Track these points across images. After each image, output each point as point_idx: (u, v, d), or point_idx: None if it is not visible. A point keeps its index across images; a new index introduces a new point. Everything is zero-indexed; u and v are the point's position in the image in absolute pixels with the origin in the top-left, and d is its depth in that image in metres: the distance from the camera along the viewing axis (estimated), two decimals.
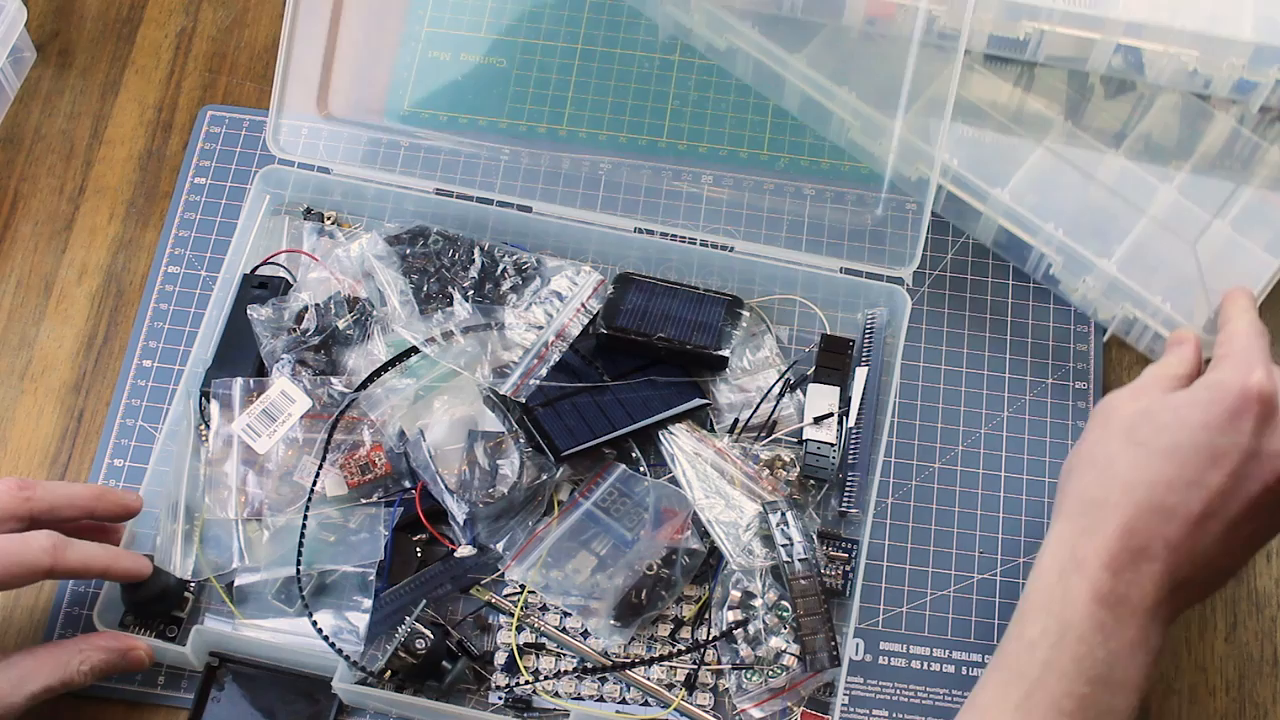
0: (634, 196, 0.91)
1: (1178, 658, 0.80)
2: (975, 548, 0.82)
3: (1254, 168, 0.88)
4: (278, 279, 0.86)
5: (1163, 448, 0.66)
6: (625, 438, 0.81)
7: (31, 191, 0.93)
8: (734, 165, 0.92)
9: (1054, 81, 0.90)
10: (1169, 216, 0.86)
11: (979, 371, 0.87)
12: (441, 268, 0.85)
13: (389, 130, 0.93)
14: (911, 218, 0.88)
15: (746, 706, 0.76)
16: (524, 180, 0.91)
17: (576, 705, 0.76)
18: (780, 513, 0.78)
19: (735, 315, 0.85)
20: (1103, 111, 0.90)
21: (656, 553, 0.78)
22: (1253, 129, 0.89)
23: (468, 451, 0.81)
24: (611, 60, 0.96)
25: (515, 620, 0.78)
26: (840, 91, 0.88)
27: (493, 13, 0.97)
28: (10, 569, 0.68)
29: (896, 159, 0.87)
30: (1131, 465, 0.66)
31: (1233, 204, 0.86)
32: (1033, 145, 0.88)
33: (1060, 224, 0.85)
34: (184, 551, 0.78)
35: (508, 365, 0.82)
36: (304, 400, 0.80)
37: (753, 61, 0.92)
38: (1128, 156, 0.88)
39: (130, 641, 0.74)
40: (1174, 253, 0.85)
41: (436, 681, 0.75)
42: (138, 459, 0.84)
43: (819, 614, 0.76)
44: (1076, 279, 0.86)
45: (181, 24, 0.99)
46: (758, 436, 0.83)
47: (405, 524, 0.80)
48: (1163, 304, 0.82)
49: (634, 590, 0.77)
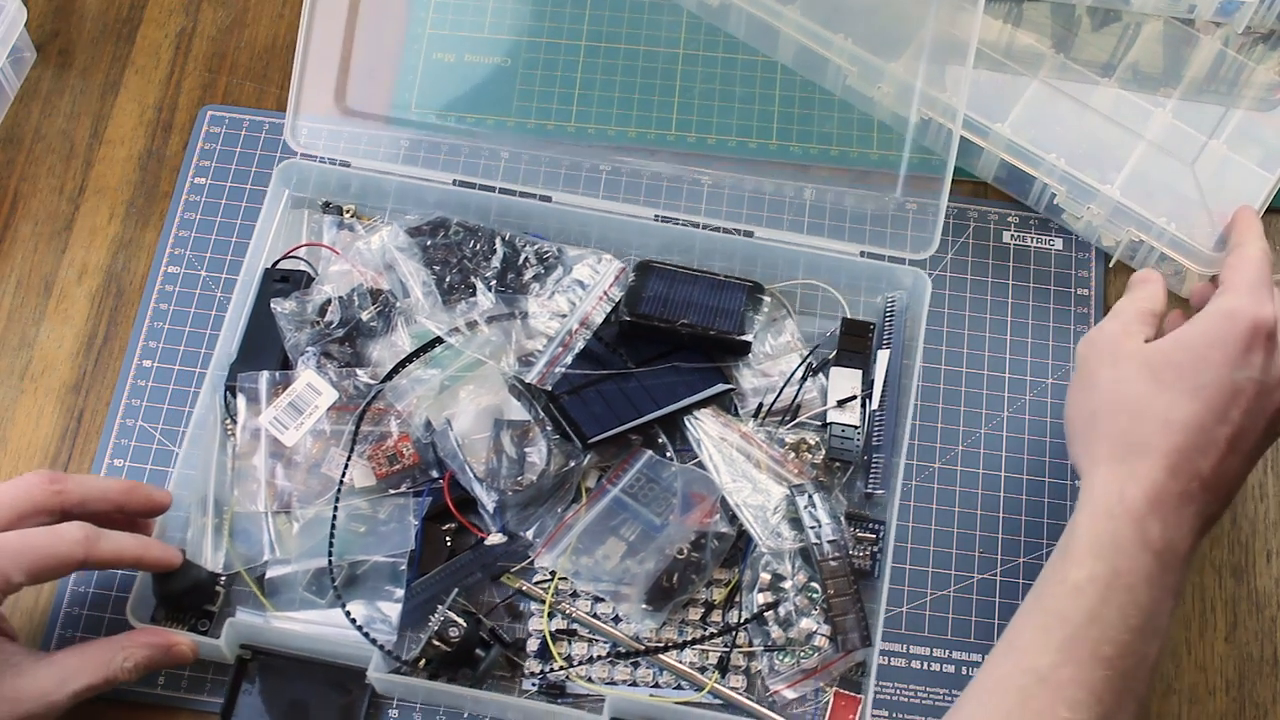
0: (655, 182, 0.91)
1: (1178, 658, 0.80)
2: (975, 548, 0.82)
3: (1242, 89, 0.90)
4: (299, 273, 0.86)
5: (1190, 388, 0.67)
6: (651, 424, 0.81)
7: (31, 191, 0.93)
8: (747, 154, 0.92)
9: (1040, 16, 0.92)
10: (1165, 140, 0.88)
11: (979, 371, 0.87)
12: (463, 258, 0.85)
13: (406, 123, 0.93)
14: (921, 215, 0.89)
15: (779, 688, 0.77)
16: (545, 168, 0.91)
17: (611, 690, 0.76)
18: (807, 495, 0.79)
19: (756, 300, 0.85)
20: (1091, 43, 0.91)
21: (686, 537, 0.78)
22: (1238, 50, 0.91)
23: (494, 440, 0.81)
24: (615, 55, 0.95)
25: (547, 607, 0.78)
26: (836, 39, 0.89)
27: (495, 12, 0.97)
28: (44, 561, 0.68)
29: (894, 111, 0.88)
30: (1167, 406, 0.67)
31: (1225, 124, 0.88)
32: (1027, 80, 0.89)
33: (1061, 154, 0.86)
34: (214, 545, 0.78)
35: (532, 354, 0.82)
36: (330, 392, 0.80)
37: (745, 15, 0.93)
38: (1120, 85, 0.90)
39: (172, 637, 0.74)
40: (1173, 175, 0.87)
41: (470, 669, 0.76)
42: (138, 459, 0.84)
43: (849, 594, 0.77)
44: (1080, 207, 0.87)
45: (181, 24, 0.99)
46: (782, 420, 0.83)
47: (434, 514, 0.80)
48: (1167, 225, 0.84)
49: (665, 575, 0.77)
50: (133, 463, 0.84)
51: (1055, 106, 0.89)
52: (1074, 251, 0.91)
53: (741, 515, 0.79)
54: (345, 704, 0.77)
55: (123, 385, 0.86)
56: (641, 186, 0.91)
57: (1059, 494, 0.84)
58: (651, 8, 0.96)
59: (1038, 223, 0.91)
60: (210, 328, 0.87)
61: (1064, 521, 0.80)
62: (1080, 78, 0.90)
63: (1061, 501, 0.83)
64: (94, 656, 0.71)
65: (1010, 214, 0.92)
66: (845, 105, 0.93)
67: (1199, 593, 0.82)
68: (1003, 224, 0.91)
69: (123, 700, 0.77)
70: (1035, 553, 0.82)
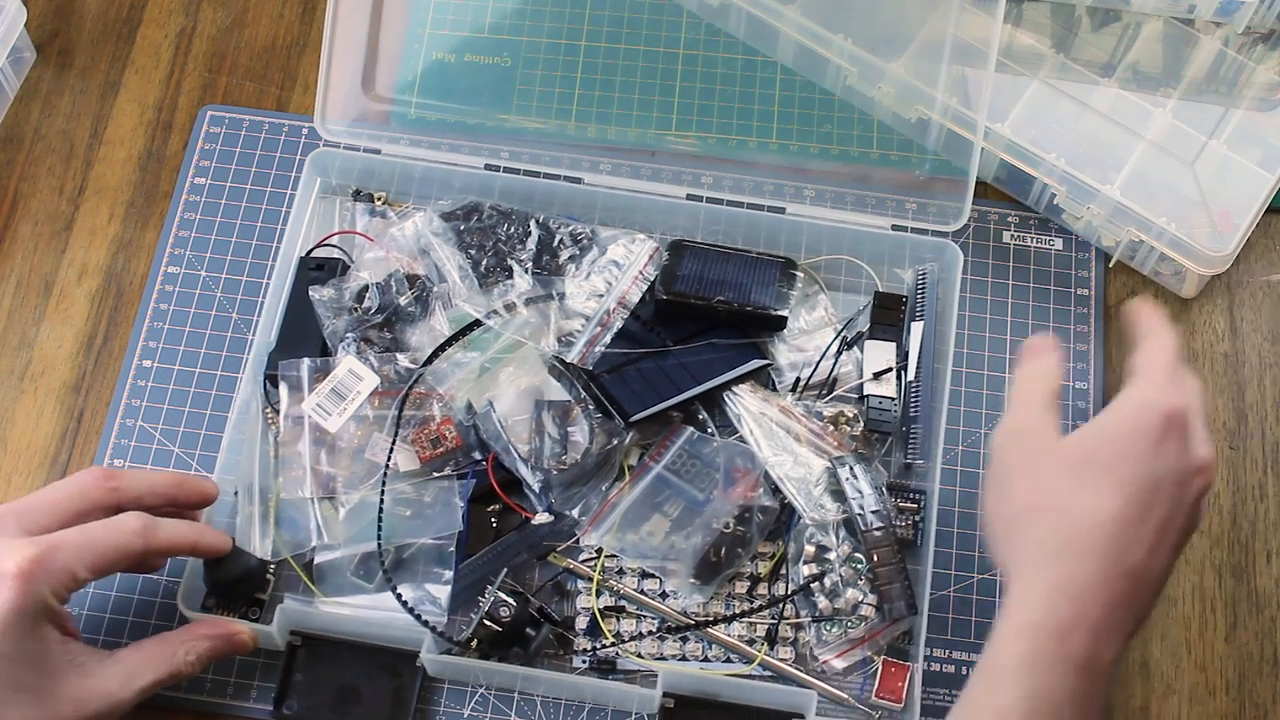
0: (682, 167, 0.91)
1: (1178, 658, 0.81)
2: (975, 548, 0.83)
3: (1242, 89, 0.90)
4: (334, 260, 0.86)
5: (1112, 484, 0.64)
6: (691, 400, 0.82)
7: (31, 191, 0.93)
8: (747, 154, 0.93)
9: (1040, 16, 0.92)
10: (1165, 140, 0.88)
11: (979, 371, 0.87)
12: (498, 241, 0.85)
13: (432, 109, 0.93)
14: (950, 186, 0.88)
15: (828, 658, 0.77)
16: (573, 153, 0.91)
17: (661, 665, 0.77)
18: (848, 466, 0.79)
19: (790, 276, 0.86)
20: (1091, 43, 0.92)
21: (730, 511, 0.79)
22: (1238, 50, 0.91)
23: (536, 421, 0.81)
24: (615, 55, 0.95)
25: (595, 584, 0.79)
26: (836, 39, 0.89)
27: (495, 12, 0.97)
28: (107, 554, 0.68)
29: (897, 103, 0.88)
30: (1090, 506, 0.64)
31: (1225, 124, 0.89)
32: (1027, 80, 0.90)
33: (1061, 154, 0.86)
34: (261, 532, 0.79)
35: (571, 334, 0.82)
36: (372, 378, 0.81)
37: (745, 15, 0.93)
38: (1120, 85, 0.90)
39: (231, 626, 0.74)
40: (1173, 175, 0.87)
41: (521, 648, 0.76)
42: (137, 459, 0.84)
43: (894, 564, 0.78)
44: (1080, 207, 0.87)
45: (181, 24, 0.99)
46: (819, 394, 0.84)
47: (478, 495, 0.80)
48: (1167, 225, 0.84)
49: (712, 549, 0.78)
50: (133, 463, 0.84)
51: (1055, 106, 0.89)
52: (1074, 251, 0.91)
53: (784, 488, 0.80)
54: (396, 687, 0.77)
55: (123, 385, 0.86)
56: (667, 172, 0.91)
57: None
58: (651, 8, 0.96)
59: (1038, 223, 0.91)
60: (210, 328, 0.87)
61: None
62: (1080, 78, 0.90)
63: None
64: (157, 652, 0.71)
65: (1010, 214, 0.92)
66: (844, 105, 0.93)
67: (1199, 593, 0.82)
68: (1003, 224, 0.91)
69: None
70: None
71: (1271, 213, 0.91)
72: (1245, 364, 0.88)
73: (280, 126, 0.94)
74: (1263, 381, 0.87)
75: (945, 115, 0.88)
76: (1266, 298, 0.90)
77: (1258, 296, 0.90)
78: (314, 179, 0.89)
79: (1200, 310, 0.89)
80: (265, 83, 0.96)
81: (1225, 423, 0.86)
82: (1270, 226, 0.91)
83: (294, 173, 0.92)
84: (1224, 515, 0.84)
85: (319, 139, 0.89)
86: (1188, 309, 0.89)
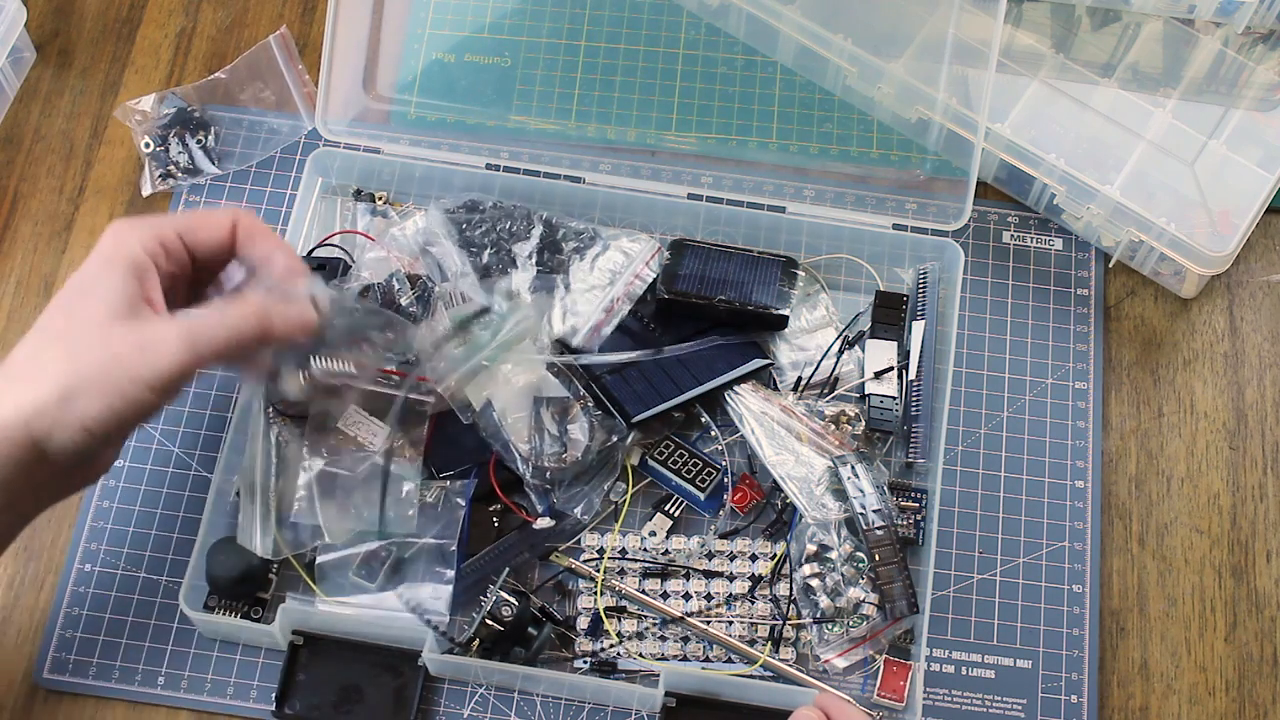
0: (682, 167, 0.91)
1: (1178, 658, 0.81)
2: (975, 548, 0.83)
3: (1242, 89, 0.90)
4: (335, 260, 0.86)
5: None
6: (692, 400, 0.82)
7: (31, 191, 0.93)
8: (772, 152, 0.93)
9: (1040, 16, 0.92)
10: (1165, 140, 0.88)
11: (979, 371, 0.87)
12: (500, 239, 0.85)
13: (432, 109, 0.93)
14: (951, 184, 0.89)
15: (830, 657, 0.77)
16: (573, 153, 0.91)
17: (663, 665, 0.77)
18: (850, 466, 0.79)
19: (791, 275, 0.86)
20: (1091, 43, 0.92)
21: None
22: (1238, 50, 0.91)
23: (534, 418, 0.81)
24: (616, 55, 0.95)
25: (598, 584, 0.79)
26: (836, 39, 0.89)
27: (495, 12, 0.97)
28: (195, 222, 0.72)
29: (897, 103, 0.89)
30: None
31: (1225, 124, 0.89)
32: (1027, 80, 0.90)
33: (1061, 154, 0.86)
34: (263, 531, 0.78)
35: (575, 323, 0.82)
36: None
37: (745, 15, 0.93)
38: (1119, 85, 0.90)
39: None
40: (1173, 175, 0.87)
41: (523, 648, 0.76)
42: (137, 459, 0.84)
43: (895, 563, 0.78)
44: (1080, 207, 0.87)
45: (181, 24, 0.99)
46: (821, 393, 0.84)
47: (479, 495, 0.80)
48: (1167, 225, 0.84)
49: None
50: (132, 463, 0.84)
51: (1055, 106, 0.89)
52: (1074, 251, 0.91)
53: (786, 487, 0.80)
54: (398, 686, 0.77)
55: None
56: (663, 173, 0.91)
57: (1059, 494, 0.84)
58: (651, 8, 0.97)
59: (1037, 223, 0.92)
60: None
61: (1064, 522, 0.83)
62: (1080, 78, 0.90)
63: (1062, 502, 0.84)
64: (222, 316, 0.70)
65: (1010, 214, 0.92)
66: (844, 105, 0.93)
67: (1199, 593, 0.82)
68: (1002, 224, 0.92)
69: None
70: (1035, 553, 0.82)
71: (1271, 213, 0.91)
72: (1245, 364, 0.88)
73: (279, 126, 0.93)
74: (1263, 381, 0.87)
75: (945, 115, 0.88)
76: (1266, 298, 0.90)
77: (1258, 296, 0.90)
78: (315, 179, 0.89)
79: (1200, 310, 0.89)
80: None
81: (1225, 423, 0.86)
82: (1270, 226, 0.91)
83: (294, 173, 0.92)
84: (1224, 515, 0.84)
85: (319, 139, 0.89)
86: (1188, 309, 0.89)
